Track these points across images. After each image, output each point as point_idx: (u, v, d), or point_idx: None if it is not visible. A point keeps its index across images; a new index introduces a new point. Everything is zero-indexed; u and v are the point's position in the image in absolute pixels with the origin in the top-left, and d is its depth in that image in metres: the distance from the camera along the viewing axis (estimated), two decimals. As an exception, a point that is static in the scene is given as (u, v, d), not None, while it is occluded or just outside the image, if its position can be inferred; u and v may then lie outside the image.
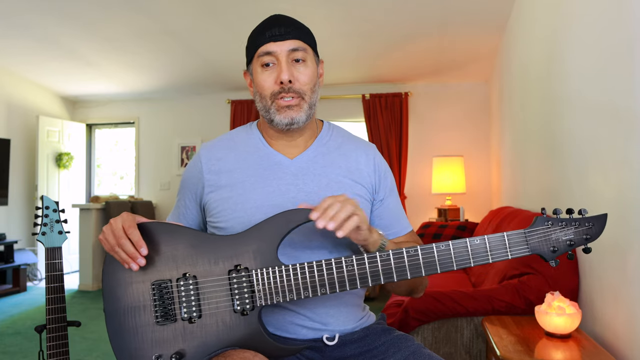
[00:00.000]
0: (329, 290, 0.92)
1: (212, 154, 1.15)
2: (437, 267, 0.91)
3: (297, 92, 1.06)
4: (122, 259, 0.95)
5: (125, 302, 0.97)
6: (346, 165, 1.14)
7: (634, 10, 1.38)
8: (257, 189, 1.08)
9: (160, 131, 6.02)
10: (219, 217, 1.08)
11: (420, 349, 1.04)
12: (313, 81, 1.09)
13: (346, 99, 5.34)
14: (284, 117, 1.06)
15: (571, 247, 0.92)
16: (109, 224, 0.97)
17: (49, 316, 1.31)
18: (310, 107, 1.09)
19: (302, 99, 1.07)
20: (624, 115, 1.46)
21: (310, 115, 1.09)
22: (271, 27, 1.06)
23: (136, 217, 0.98)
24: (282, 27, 1.06)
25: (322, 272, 0.92)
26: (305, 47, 1.08)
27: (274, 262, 0.95)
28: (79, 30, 4.13)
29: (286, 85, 1.05)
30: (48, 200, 1.36)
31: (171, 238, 0.98)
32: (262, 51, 1.06)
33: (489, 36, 3.93)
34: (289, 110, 1.06)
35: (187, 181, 1.17)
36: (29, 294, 4.78)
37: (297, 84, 1.06)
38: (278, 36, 1.05)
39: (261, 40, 1.06)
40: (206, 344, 0.94)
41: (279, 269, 0.94)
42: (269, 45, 1.05)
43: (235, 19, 3.81)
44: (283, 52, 1.05)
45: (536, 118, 2.69)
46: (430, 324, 1.89)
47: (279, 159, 1.12)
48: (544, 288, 1.84)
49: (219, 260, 0.96)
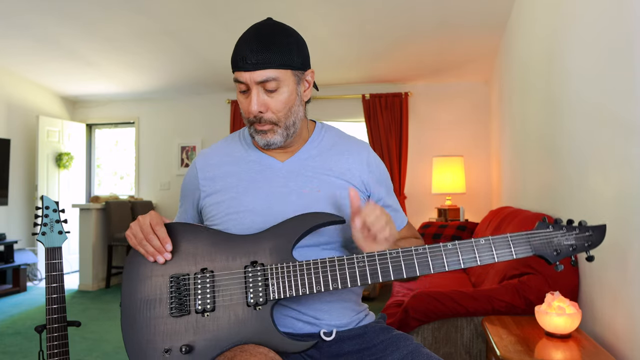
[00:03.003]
0: (341, 285, 0.95)
1: (206, 161, 1.19)
2: (445, 265, 0.94)
3: (268, 121, 1.07)
4: (148, 252, 1.00)
5: (142, 295, 1.00)
6: (338, 166, 1.16)
7: (634, 10, 1.38)
8: (250, 192, 1.11)
9: (160, 131, 6.02)
10: (214, 220, 1.12)
11: (419, 348, 1.04)
12: (288, 105, 1.07)
13: (346, 99, 5.34)
14: (261, 139, 1.09)
15: (574, 252, 0.94)
16: (136, 221, 1.03)
17: (49, 316, 1.31)
18: (287, 128, 1.09)
19: (275, 125, 1.08)
20: (624, 115, 1.46)
21: (289, 134, 1.10)
22: (246, 52, 1.02)
23: (162, 217, 1.03)
24: (257, 53, 1.01)
25: (335, 269, 0.96)
26: (276, 76, 1.03)
27: (289, 259, 0.99)
28: (79, 30, 4.13)
29: (257, 116, 1.06)
30: (48, 200, 1.36)
31: (193, 237, 1.03)
32: (235, 77, 1.06)
33: (489, 36, 3.93)
34: (265, 134, 1.08)
35: (185, 188, 1.23)
36: (29, 294, 4.78)
37: (268, 113, 1.06)
38: (249, 65, 1.02)
39: (236, 64, 1.04)
40: (217, 338, 0.96)
41: (293, 264, 0.97)
42: (241, 75, 1.04)
43: (235, 19, 3.81)
44: (253, 83, 1.03)
45: (536, 118, 2.69)
46: (430, 324, 1.89)
47: (270, 163, 1.15)
48: (544, 288, 1.84)
49: (236, 257, 1.01)
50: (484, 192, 5.00)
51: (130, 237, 1.02)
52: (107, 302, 4.40)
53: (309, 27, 3.79)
